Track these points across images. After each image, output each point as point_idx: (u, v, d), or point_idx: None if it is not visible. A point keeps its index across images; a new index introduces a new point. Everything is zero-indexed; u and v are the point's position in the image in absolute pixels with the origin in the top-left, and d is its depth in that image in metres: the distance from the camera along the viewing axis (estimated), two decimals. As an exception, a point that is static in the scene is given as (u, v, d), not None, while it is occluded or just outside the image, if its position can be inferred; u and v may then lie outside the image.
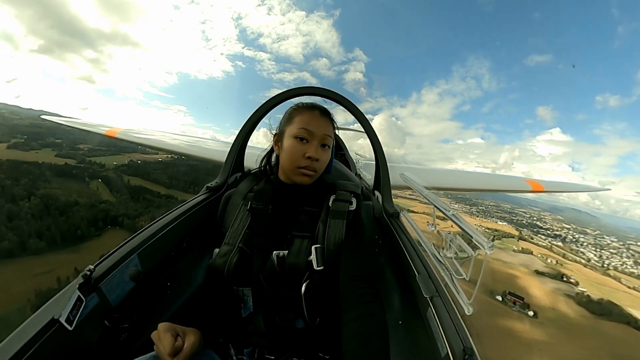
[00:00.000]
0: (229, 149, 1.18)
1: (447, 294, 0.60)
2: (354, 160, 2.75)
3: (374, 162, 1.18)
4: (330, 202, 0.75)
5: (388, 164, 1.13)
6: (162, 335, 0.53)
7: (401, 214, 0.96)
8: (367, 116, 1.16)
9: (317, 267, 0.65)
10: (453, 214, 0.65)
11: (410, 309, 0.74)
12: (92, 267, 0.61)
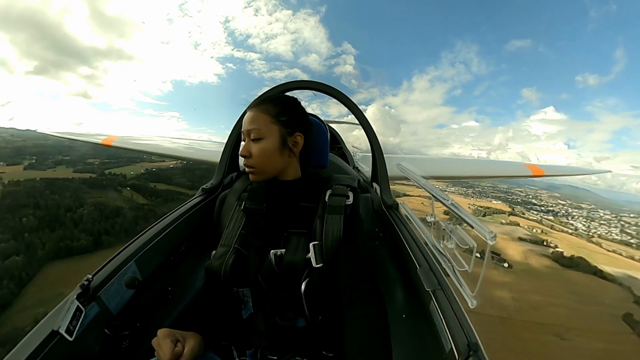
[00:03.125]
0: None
1: (450, 287, 0.58)
2: (351, 153, 2.72)
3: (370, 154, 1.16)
4: (327, 197, 0.73)
5: (385, 155, 1.11)
6: (162, 342, 0.53)
7: (400, 205, 0.94)
8: (361, 107, 1.13)
9: (316, 264, 0.64)
10: (452, 203, 0.64)
11: (413, 303, 0.73)
12: (90, 276, 0.60)
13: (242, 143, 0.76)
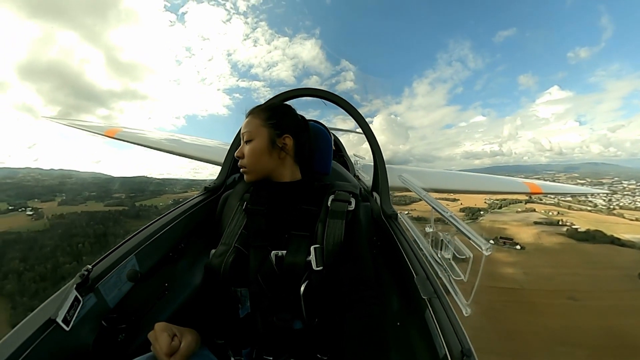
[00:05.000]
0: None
1: (445, 296, 0.60)
2: (353, 162, 2.73)
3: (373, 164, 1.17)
4: (329, 202, 0.74)
5: (387, 165, 1.12)
6: (159, 335, 0.53)
7: (399, 216, 0.96)
8: (367, 119, 1.14)
9: (316, 267, 0.65)
10: (451, 215, 0.65)
11: (409, 311, 0.74)
12: (89, 267, 0.60)
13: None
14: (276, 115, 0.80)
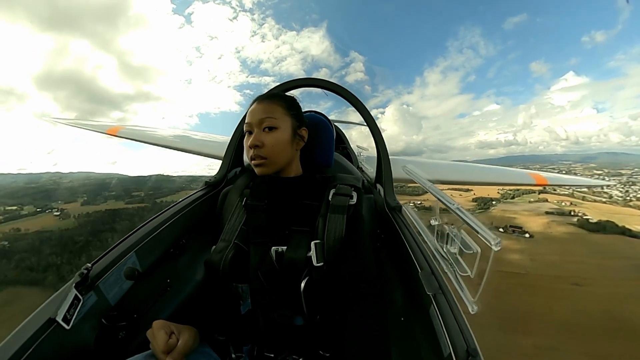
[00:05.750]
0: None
1: (451, 292, 0.58)
2: (356, 153, 2.67)
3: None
4: (330, 196, 0.72)
5: (390, 157, 1.09)
6: (156, 333, 0.53)
7: (403, 208, 0.93)
8: (378, 111, 1.21)
9: (317, 263, 0.63)
10: (457, 207, 0.62)
11: (413, 306, 0.73)
12: (89, 265, 0.60)
13: (249, 136, 0.74)
14: (295, 106, 0.78)
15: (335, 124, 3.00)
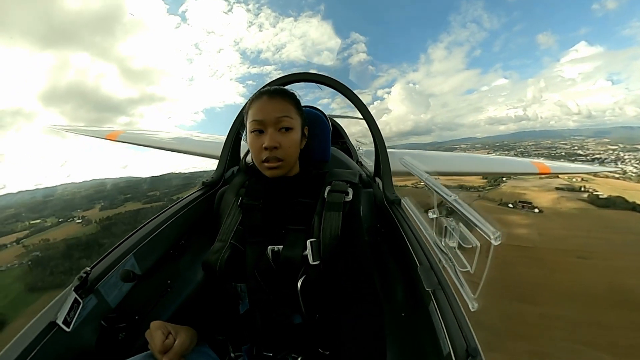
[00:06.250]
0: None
1: (451, 287, 0.57)
2: (355, 147, 2.64)
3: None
4: (326, 194, 0.71)
5: (388, 150, 1.08)
6: (153, 333, 0.54)
7: (402, 201, 0.92)
8: (384, 90, 1.15)
9: (313, 261, 0.63)
10: (455, 200, 0.60)
11: (413, 302, 0.72)
12: (88, 269, 0.61)
13: (251, 135, 0.70)
14: (299, 104, 0.75)
15: (335, 119, 2.96)
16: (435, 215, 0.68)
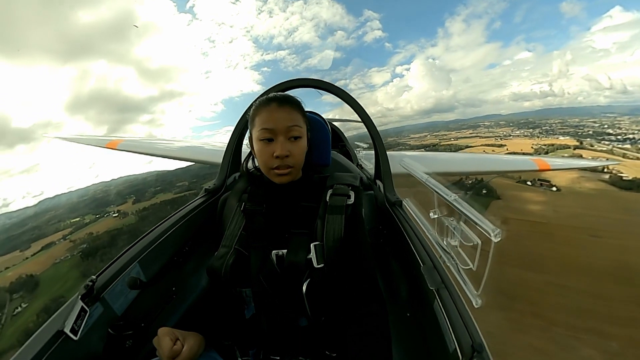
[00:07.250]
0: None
1: (454, 285, 0.57)
2: (355, 151, 2.68)
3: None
4: (328, 197, 0.73)
5: (388, 152, 1.11)
6: (161, 340, 0.54)
7: (404, 202, 0.94)
8: (403, 67, 1.32)
9: (317, 265, 0.64)
10: (455, 199, 0.61)
11: (417, 301, 0.73)
12: (94, 277, 0.62)
13: (260, 142, 0.70)
14: (304, 111, 0.77)
15: (335, 122, 3.00)
16: (436, 215, 0.69)
